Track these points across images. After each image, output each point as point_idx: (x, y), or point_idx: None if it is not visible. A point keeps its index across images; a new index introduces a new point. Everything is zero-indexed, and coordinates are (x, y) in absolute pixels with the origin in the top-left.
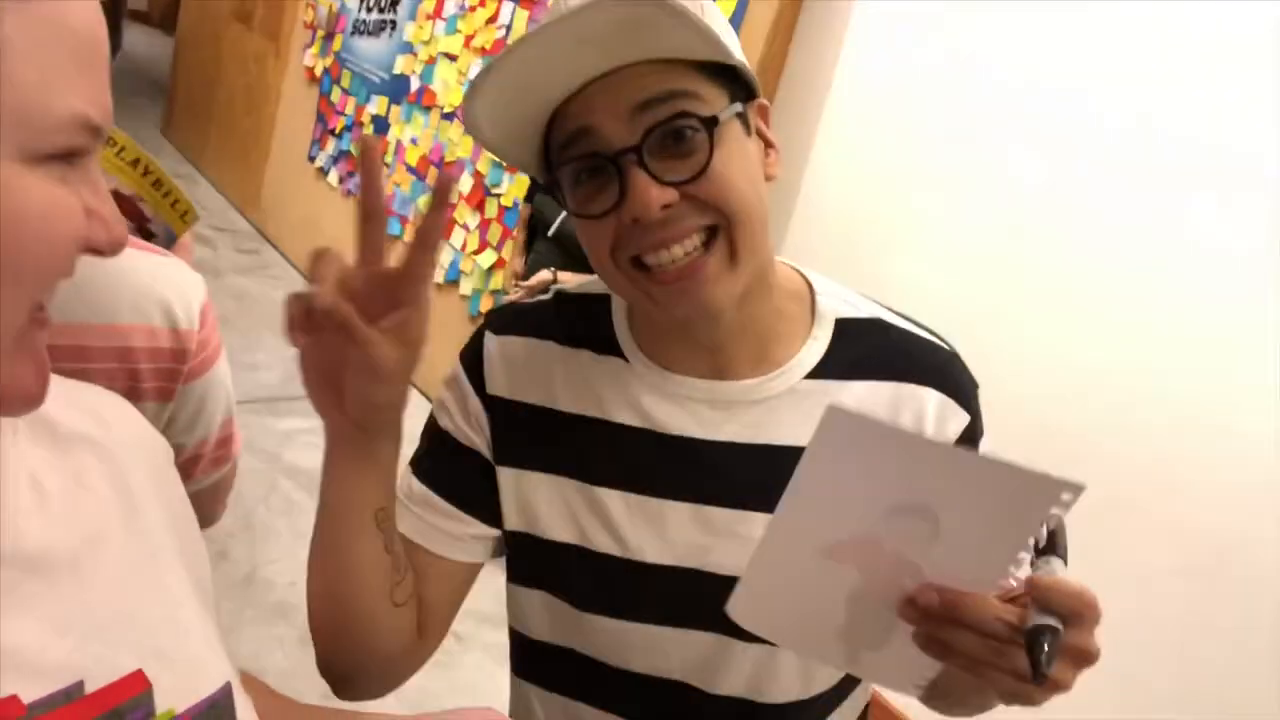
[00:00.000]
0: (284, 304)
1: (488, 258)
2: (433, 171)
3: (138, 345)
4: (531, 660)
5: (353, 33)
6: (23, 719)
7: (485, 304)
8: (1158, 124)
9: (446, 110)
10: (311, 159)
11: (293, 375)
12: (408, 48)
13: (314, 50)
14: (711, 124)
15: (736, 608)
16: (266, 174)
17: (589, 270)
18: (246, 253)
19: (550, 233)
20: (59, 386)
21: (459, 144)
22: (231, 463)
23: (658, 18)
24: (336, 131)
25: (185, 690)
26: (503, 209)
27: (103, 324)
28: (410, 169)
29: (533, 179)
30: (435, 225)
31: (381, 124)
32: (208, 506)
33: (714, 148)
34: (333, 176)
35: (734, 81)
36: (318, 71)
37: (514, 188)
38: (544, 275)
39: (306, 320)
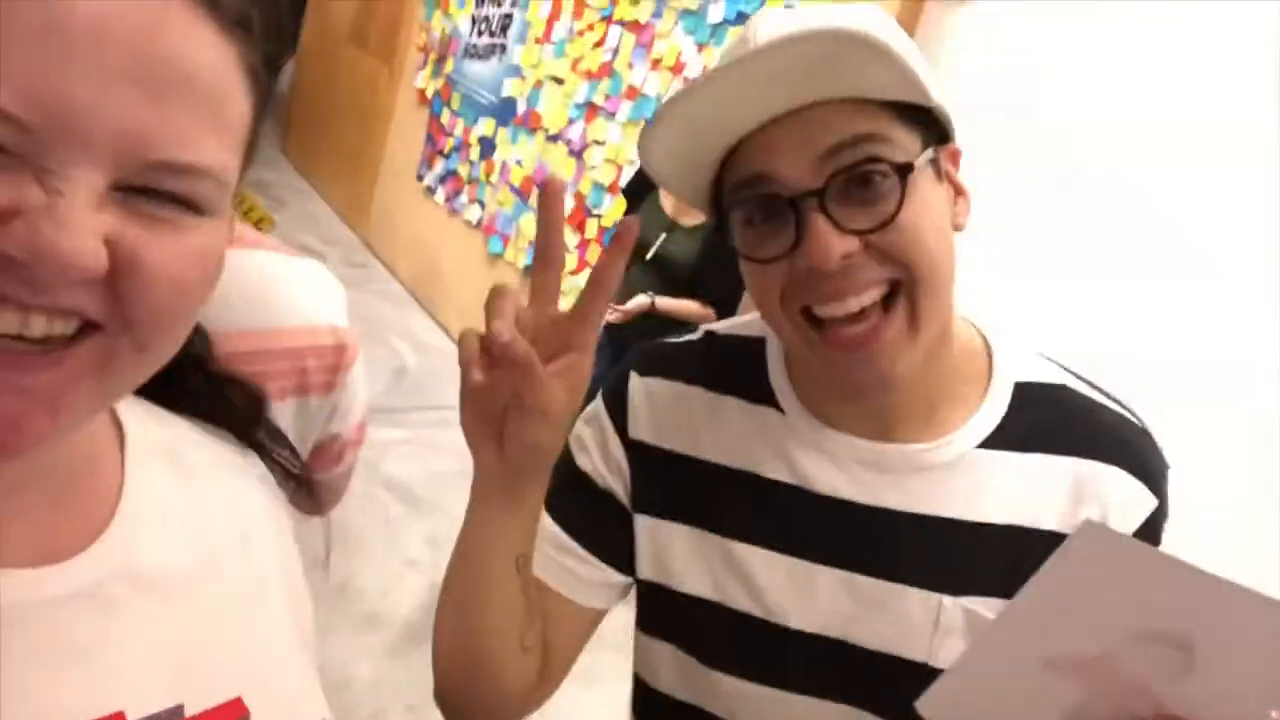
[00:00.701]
0: (460, 339)
1: (585, 278)
2: (535, 192)
3: (304, 345)
4: (654, 709)
5: (464, 56)
6: None
7: None
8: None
9: (551, 133)
10: (420, 178)
11: (392, 388)
12: (516, 71)
13: (426, 72)
14: (904, 171)
15: (930, 702)
16: (376, 191)
17: (688, 295)
18: (354, 266)
19: (649, 255)
20: (188, 428)
21: (561, 166)
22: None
23: (859, 55)
24: (445, 152)
25: None
26: (603, 230)
27: (273, 329)
28: (514, 189)
29: (628, 198)
30: (552, 242)
31: (488, 145)
32: (340, 490)
33: (904, 197)
34: (439, 195)
35: (927, 123)
36: (429, 93)
37: (614, 209)
38: (641, 300)
39: (484, 357)
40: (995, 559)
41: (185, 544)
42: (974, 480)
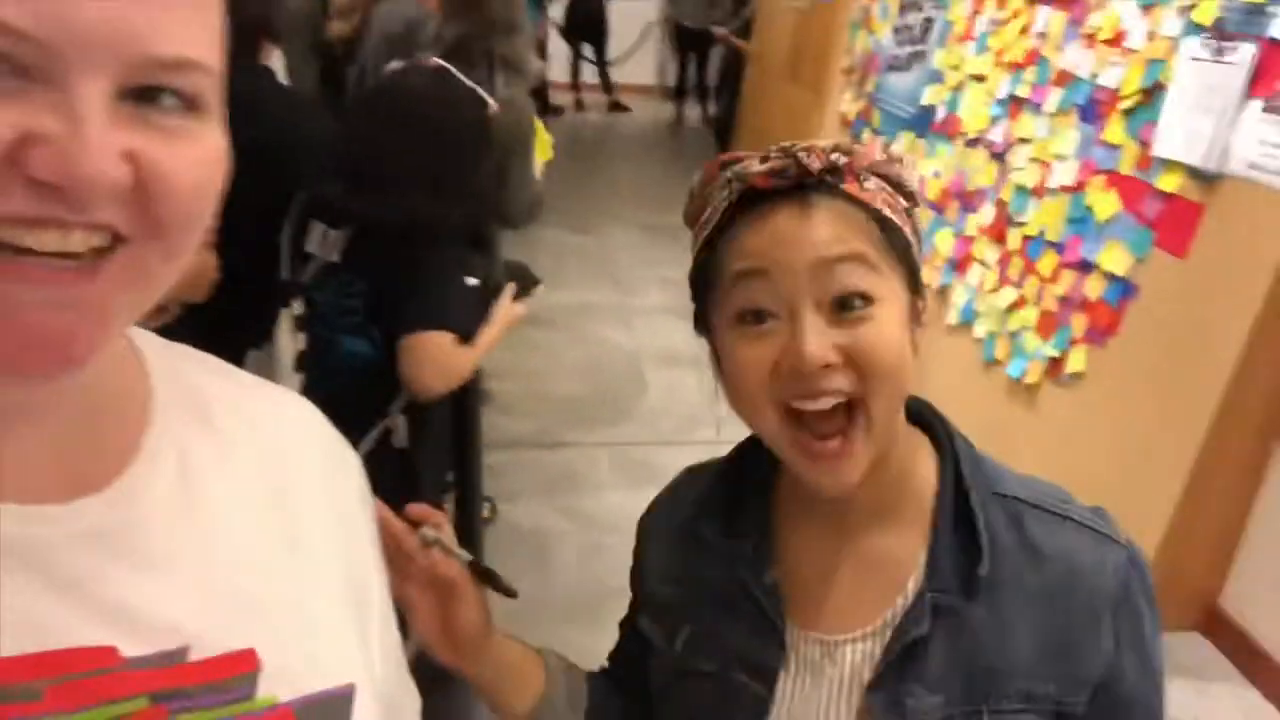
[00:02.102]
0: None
1: (1005, 296)
2: (953, 204)
3: None
4: None
5: (885, 70)
6: (115, 669)
7: (1000, 350)
8: None
9: (971, 136)
10: None
11: None
12: (936, 76)
13: (849, 95)
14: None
15: None
16: None
17: None
18: None
19: None
20: (232, 384)
21: (982, 171)
22: None
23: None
24: None
25: (294, 681)
26: (1026, 240)
27: None
28: (930, 204)
29: None
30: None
31: None
32: None
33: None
34: None
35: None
36: (851, 116)
37: (1039, 215)
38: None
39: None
40: None
41: (204, 494)
42: None
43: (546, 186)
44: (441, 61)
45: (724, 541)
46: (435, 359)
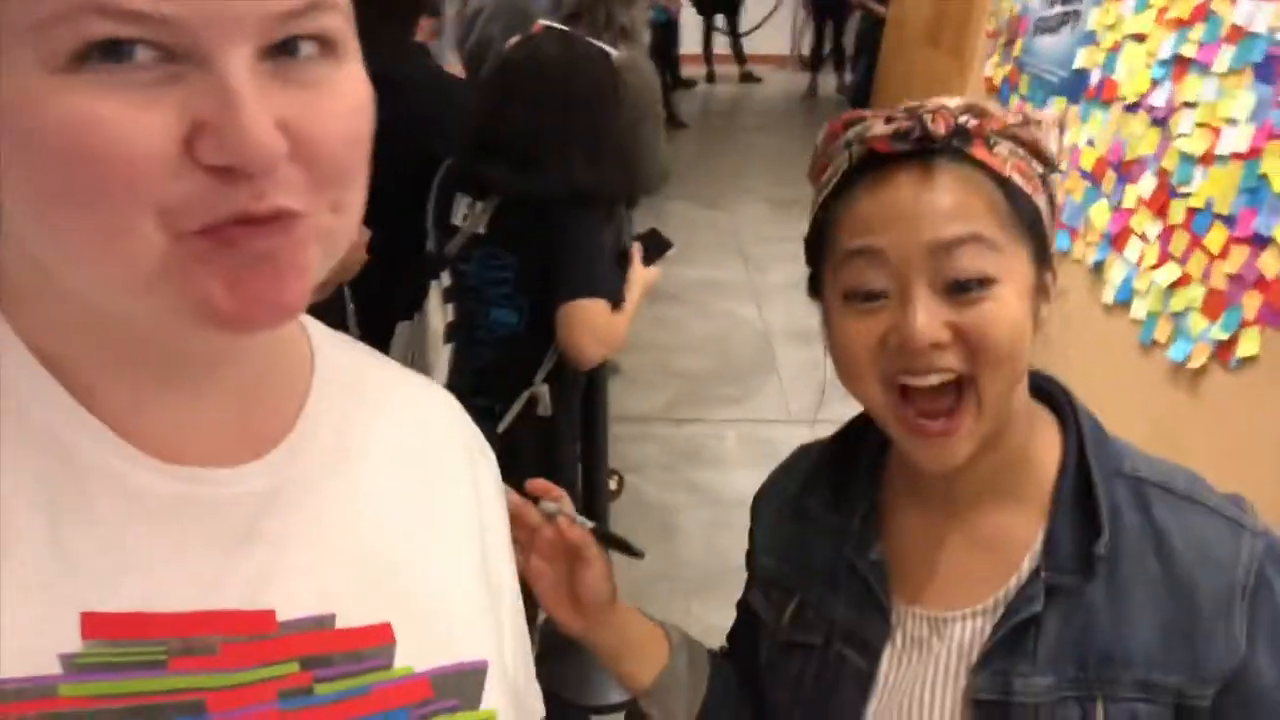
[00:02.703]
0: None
1: (1168, 273)
2: (1109, 175)
3: None
4: None
5: (1034, 33)
6: (273, 635)
7: (1161, 331)
8: None
9: (1129, 101)
10: None
11: None
12: (1089, 38)
13: (994, 60)
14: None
15: None
16: None
17: None
18: None
19: None
20: (384, 369)
21: (1142, 139)
22: None
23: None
24: None
25: (429, 653)
26: (1191, 213)
27: None
28: (1084, 174)
29: None
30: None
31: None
32: None
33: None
34: None
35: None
36: (996, 81)
37: (1207, 185)
38: None
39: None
40: None
41: (355, 464)
42: None
43: (675, 160)
44: (562, 27)
45: (831, 516)
46: (594, 326)
